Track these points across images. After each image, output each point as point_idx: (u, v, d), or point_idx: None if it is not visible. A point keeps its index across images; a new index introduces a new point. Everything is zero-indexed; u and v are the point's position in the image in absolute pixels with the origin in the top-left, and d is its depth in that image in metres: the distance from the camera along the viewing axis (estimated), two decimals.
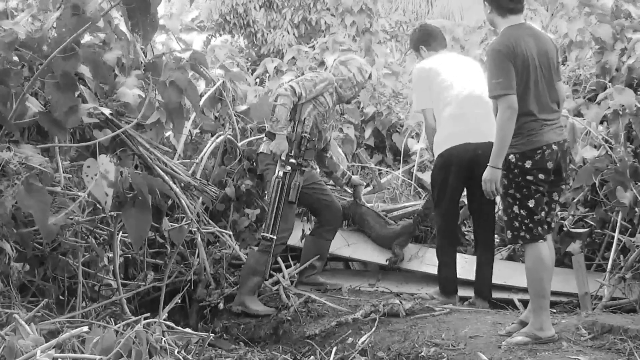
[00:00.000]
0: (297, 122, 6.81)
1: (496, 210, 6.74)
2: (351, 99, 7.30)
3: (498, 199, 5.77)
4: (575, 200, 7.05)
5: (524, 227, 5.19)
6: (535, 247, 5.20)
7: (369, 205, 7.96)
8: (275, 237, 6.63)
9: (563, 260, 6.83)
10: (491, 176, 5.16)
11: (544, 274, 5.21)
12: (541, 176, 5.13)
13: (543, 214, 5.22)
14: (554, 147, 5.15)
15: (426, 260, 7.49)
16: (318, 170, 7.63)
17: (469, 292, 6.86)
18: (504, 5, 5.27)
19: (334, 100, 7.04)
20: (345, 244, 7.79)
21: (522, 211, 5.18)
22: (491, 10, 5.34)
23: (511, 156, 5.12)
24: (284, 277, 7.19)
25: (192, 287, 6.94)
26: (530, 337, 5.18)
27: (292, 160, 6.73)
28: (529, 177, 5.13)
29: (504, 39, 5.19)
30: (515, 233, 5.25)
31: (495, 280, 6.92)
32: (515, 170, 5.14)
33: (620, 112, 6.65)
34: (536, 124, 5.13)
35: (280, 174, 6.69)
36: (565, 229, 6.84)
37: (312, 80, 6.89)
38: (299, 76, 10.89)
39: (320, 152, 7.32)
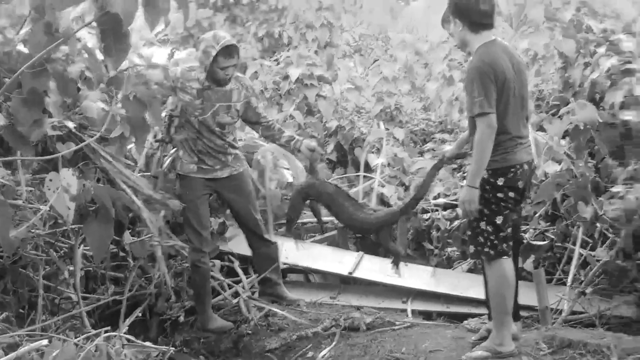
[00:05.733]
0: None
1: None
2: (221, 80, 6.56)
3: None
4: (537, 215, 7.10)
5: (488, 242, 5.17)
6: (499, 264, 5.19)
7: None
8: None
9: (522, 274, 6.88)
10: (470, 196, 5.07)
11: (506, 291, 5.22)
12: (511, 194, 5.12)
13: (509, 230, 5.23)
14: (525, 166, 5.16)
15: (386, 272, 7.50)
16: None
17: (430, 306, 6.97)
18: (477, 20, 5.10)
19: (190, 97, 6.60)
20: (305, 254, 7.79)
21: (488, 227, 5.16)
22: (462, 27, 5.15)
23: (483, 172, 5.08)
24: (243, 288, 7.17)
25: (153, 301, 6.91)
26: (490, 351, 5.21)
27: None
28: (500, 195, 5.11)
29: (484, 57, 5.05)
30: (478, 248, 5.24)
31: (453, 291, 7.01)
32: (487, 187, 5.10)
33: (582, 127, 6.71)
34: (512, 142, 5.10)
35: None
36: (525, 241, 6.89)
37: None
38: (262, 90, 10.91)
39: (253, 125, 7.00)
